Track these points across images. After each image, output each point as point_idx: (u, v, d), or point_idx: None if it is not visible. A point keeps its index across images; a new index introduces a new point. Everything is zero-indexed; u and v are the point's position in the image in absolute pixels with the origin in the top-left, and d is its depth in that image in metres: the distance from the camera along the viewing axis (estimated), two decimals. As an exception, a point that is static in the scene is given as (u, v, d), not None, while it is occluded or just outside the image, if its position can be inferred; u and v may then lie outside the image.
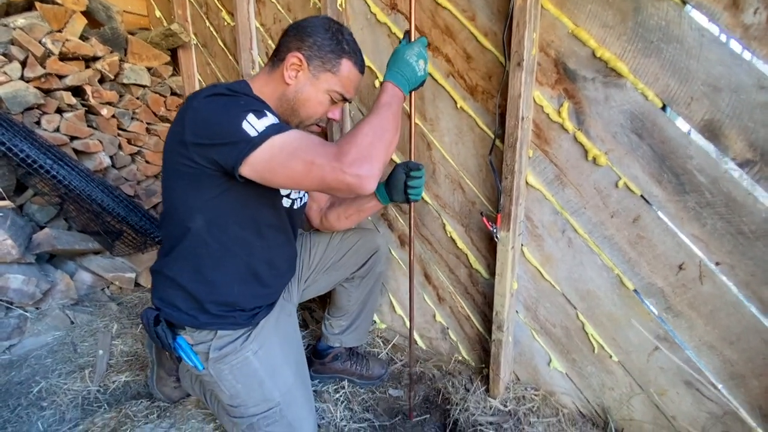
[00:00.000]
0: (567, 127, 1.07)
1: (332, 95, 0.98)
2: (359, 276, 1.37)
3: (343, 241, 1.34)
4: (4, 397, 1.33)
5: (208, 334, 1.00)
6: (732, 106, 0.85)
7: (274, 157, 0.78)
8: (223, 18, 1.93)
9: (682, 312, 1.01)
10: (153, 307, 1.00)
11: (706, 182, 0.91)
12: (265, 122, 0.80)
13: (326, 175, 0.76)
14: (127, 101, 2.03)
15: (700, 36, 0.86)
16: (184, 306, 0.98)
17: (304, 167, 0.77)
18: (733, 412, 0.99)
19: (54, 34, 1.73)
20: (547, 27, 1.04)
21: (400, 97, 0.94)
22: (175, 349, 0.99)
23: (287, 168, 0.78)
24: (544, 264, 1.21)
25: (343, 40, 0.96)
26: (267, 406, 1.01)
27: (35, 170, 1.47)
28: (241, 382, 1.00)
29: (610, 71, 0.98)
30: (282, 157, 0.77)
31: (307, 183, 0.79)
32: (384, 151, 0.82)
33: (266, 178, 0.81)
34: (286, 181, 0.80)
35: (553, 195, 1.14)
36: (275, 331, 1.09)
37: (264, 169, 0.79)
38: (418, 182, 1.12)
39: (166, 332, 0.97)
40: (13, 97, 1.61)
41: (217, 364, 0.99)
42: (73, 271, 1.81)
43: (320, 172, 0.76)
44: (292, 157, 0.77)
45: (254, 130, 0.78)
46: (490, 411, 1.26)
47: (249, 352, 1.01)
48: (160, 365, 1.31)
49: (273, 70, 0.99)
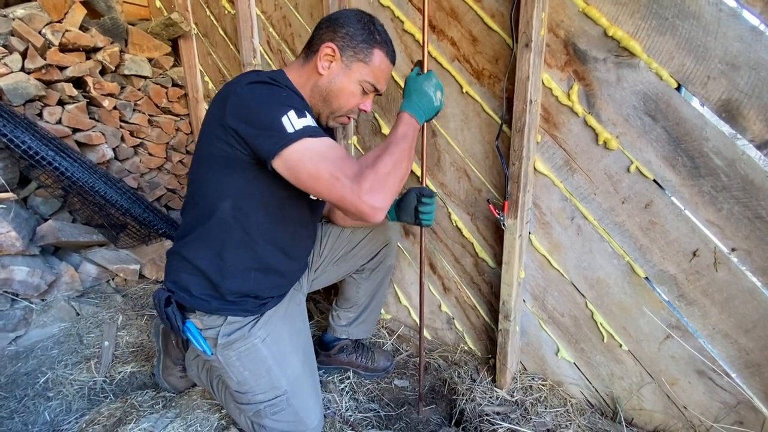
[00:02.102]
0: (577, 111, 1.04)
1: (364, 86, 0.98)
2: (369, 268, 1.36)
3: (355, 233, 1.33)
4: (11, 388, 1.33)
5: (217, 319, 0.99)
6: (751, 85, 0.82)
7: (304, 158, 0.80)
8: (223, 6, 1.90)
9: (696, 300, 0.99)
10: (165, 288, 1.01)
11: (723, 165, 0.88)
12: (304, 122, 0.81)
13: (345, 196, 0.79)
14: (128, 93, 2.01)
15: (718, 11, 0.82)
16: (198, 290, 0.98)
17: (329, 178, 0.79)
18: (747, 401, 0.96)
19: (54, 25, 1.71)
20: (556, 6, 1.00)
21: (416, 128, 0.95)
22: (183, 332, 0.99)
23: (313, 173, 0.80)
24: (552, 252, 1.19)
25: (375, 30, 0.96)
26: (274, 393, 1.01)
27: (38, 162, 1.46)
28: (249, 368, 1.00)
29: (623, 51, 0.94)
30: (312, 161, 0.80)
31: (326, 194, 0.81)
32: (398, 184, 0.85)
33: (293, 175, 0.82)
34: (309, 183, 0.82)
35: (562, 181, 1.12)
36: (284, 320, 1.08)
37: (293, 167, 0.81)
38: (429, 208, 1.11)
39: (176, 314, 0.98)
40: (14, 88, 1.60)
41: (225, 350, 0.99)
42: (78, 264, 1.81)
43: (341, 190, 0.79)
44: (320, 164, 0.80)
45: (292, 127, 0.80)
46: (496, 401, 1.24)
47: (257, 339, 1.01)
48: (167, 354, 1.32)
49: (306, 61, 0.99)
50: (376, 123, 1.48)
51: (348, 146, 1.56)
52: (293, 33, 1.65)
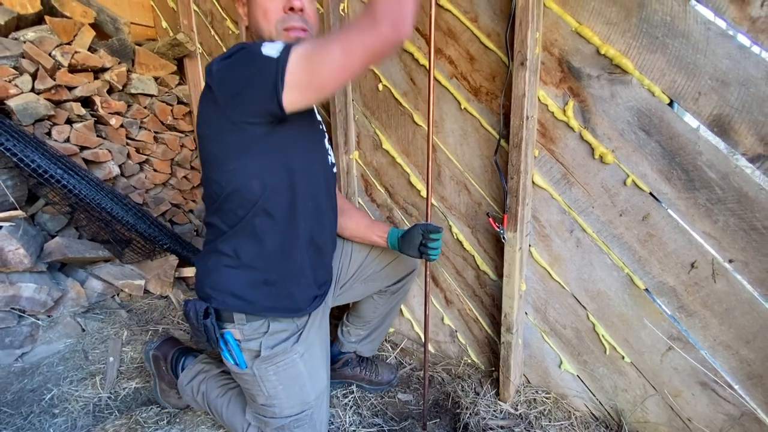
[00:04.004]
0: (573, 126, 1.06)
1: None
2: (391, 291, 1.37)
3: (384, 254, 1.32)
4: (17, 405, 1.34)
5: (260, 327, 0.98)
6: (741, 100, 0.84)
7: (308, 60, 0.75)
8: (228, 27, 1.95)
9: (696, 311, 0.99)
10: (199, 298, 0.98)
11: (717, 178, 0.90)
12: (279, 45, 0.78)
13: (375, 44, 0.72)
14: (135, 111, 2.05)
15: (707, 30, 0.85)
16: (239, 287, 0.95)
17: (343, 54, 0.73)
18: (750, 413, 0.96)
19: (63, 47, 1.76)
20: (550, 25, 1.03)
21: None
22: (219, 343, 0.97)
23: (327, 61, 0.73)
24: (552, 264, 1.20)
25: None
26: (301, 408, 1.01)
27: (46, 180, 1.49)
28: (284, 383, 0.99)
29: (615, 68, 0.97)
30: (317, 56, 0.74)
31: (356, 63, 0.73)
32: None
33: (313, 85, 0.77)
34: (334, 74, 0.75)
35: (560, 194, 1.13)
36: (318, 334, 1.09)
37: (306, 77, 0.76)
38: (435, 244, 1.10)
39: (214, 325, 0.95)
40: (24, 109, 1.64)
41: (264, 363, 0.97)
42: (84, 279, 1.83)
43: (365, 44, 0.72)
44: (324, 49, 0.74)
45: (275, 51, 0.77)
46: (500, 415, 1.24)
47: (296, 354, 1.00)
48: (161, 378, 1.31)
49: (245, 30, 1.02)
50: (377, 138, 1.51)
51: (350, 161, 1.59)
52: (295, 52, 1.69)
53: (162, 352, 1.31)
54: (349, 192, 1.62)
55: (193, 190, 2.43)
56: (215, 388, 1.18)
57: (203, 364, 1.26)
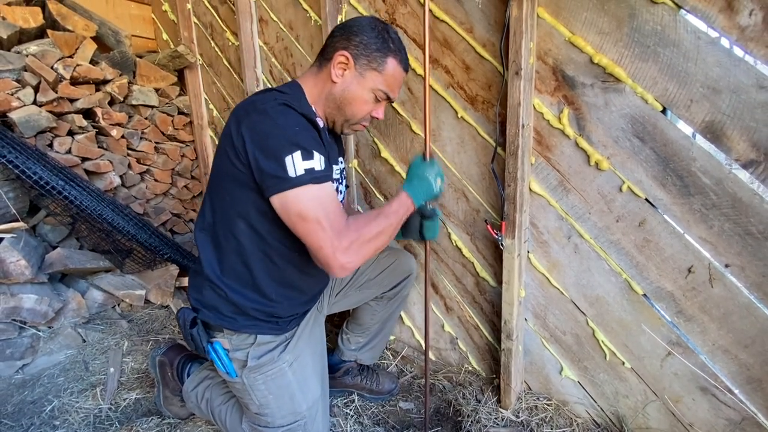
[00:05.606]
0: (568, 133, 1.07)
1: (377, 93, 0.98)
2: (388, 296, 1.37)
3: (379, 261, 1.33)
4: (18, 417, 1.34)
5: (247, 338, 0.99)
6: (732, 107, 0.85)
7: (298, 199, 0.82)
8: (227, 38, 1.98)
9: (694, 316, 1.00)
10: (190, 307, 1.00)
11: (711, 183, 0.91)
12: (308, 165, 0.82)
13: (324, 246, 0.82)
14: (135, 122, 2.08)
15: (697, 39, 0.86)
16: (224, 308, 0.97)
17: (314, 224, 0.82)
18: (751, 417, 0.96)
19: (65, 60, 1.79)
20: (543, 36, 1.05)
21: (410, 209, 0.98)
22: (208, 353, 0.98)
23: (303, 214, 0.82)
24: (551, 270, 1.20)
25: (389, 38, 0.96)
26: (293, 418, 1.01)
27: (48, 192, 1.50)
28: (274, 393, 1.00)
29: (609, 76, 0.98)
30: (305, 204, 0.82)
31: (306, 237, 0.83)
32: (374, 253, 0.90)
33: (285, 212, 0.84)
34: (295, 221, 0.83)
35: (557, 201, 1.14)
36: (308, 343, 1.09)
37: (288, 208, 0.83)
38: (432, 224, 1.12)
39: (201, 335, 0.97)
40: (26, 121, 1.66)
41: (252, 373, 0.98)
42: (85, 290, 1.83)
43: (322, 240, 0.82)
44: (312, 209, 0.82)
45: (294, 171, 0.81)
46: (502, 422, 1.24)
47: (285, 363, 1.01)
48: (165, 385, 1.31)
49: (320, 70, 0.99)
50: (376, 147, 1.52)
51: (349, 169, 1.60)
52: (295, 63, 1.72)
53: (168, 358, 1.32)
54: (348, 200, 1.63)
55: (193, 200, 2.45)
56: (219, 395, 1.18)
57: (209, 370, 1.26)
